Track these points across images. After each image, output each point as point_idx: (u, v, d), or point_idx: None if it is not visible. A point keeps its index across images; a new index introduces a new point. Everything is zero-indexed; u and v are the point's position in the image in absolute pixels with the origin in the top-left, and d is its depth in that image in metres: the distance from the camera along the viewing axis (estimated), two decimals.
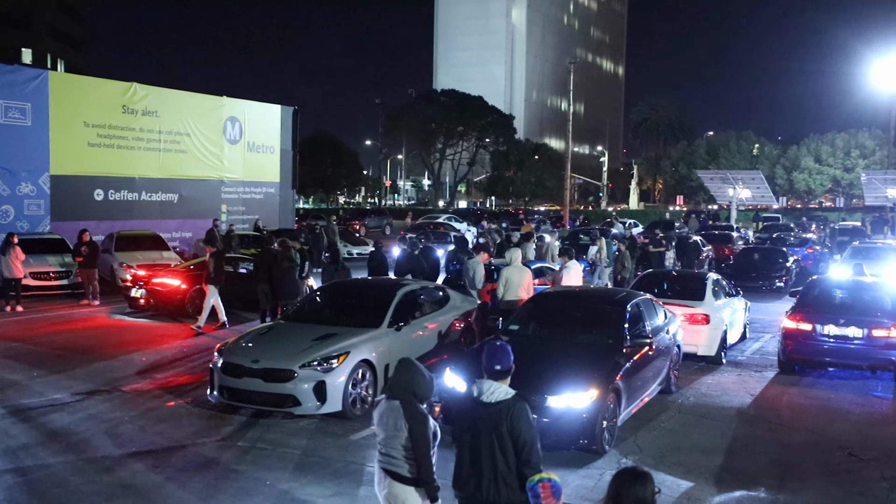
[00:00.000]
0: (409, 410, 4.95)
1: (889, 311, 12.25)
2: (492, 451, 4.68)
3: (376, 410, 5.18)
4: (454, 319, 12.08)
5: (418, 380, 5.06)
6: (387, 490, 5.07)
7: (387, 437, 5.04)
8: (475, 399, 4.82)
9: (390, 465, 5.03)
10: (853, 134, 76.60)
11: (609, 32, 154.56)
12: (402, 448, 4.96)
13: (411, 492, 4.97)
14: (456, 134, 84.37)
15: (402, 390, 5.04)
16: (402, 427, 4.94)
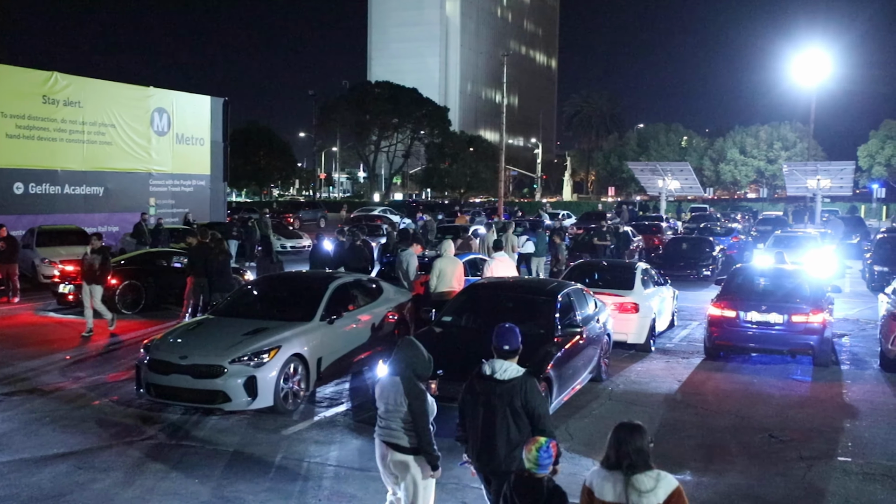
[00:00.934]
0: (409, 386, 5.35)
1: (807, 297, 12.71)
2: (506, 423, 5.14)
3: (377, 386, 5.61)
4: (388, 312, 12.05)
5: (418, 358, 5.45)
6: (388, 460, 5.48)
7: (387, 410, 5.44)
8: (489, 377, 5.25)
9: (391, 437, 5.44)
10: (776, 126, 79.09)
11: (542, 25, 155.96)
12: (401, 421, 5.36)
13: (411, 460, 5.40)
14: (391, 126, 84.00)
15: (404, 367, 5.43)
16: (402, 402, 5.34)
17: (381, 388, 5.55)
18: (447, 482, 7.54)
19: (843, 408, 10.26)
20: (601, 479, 4.14)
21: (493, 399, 5.20)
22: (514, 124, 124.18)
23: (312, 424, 9.22)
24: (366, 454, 8.27)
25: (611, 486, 4.07)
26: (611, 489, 4.07)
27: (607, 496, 4.08)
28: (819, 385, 11.42)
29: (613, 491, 4.06)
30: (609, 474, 4.10)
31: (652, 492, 3.97)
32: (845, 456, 8.37)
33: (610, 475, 4.10)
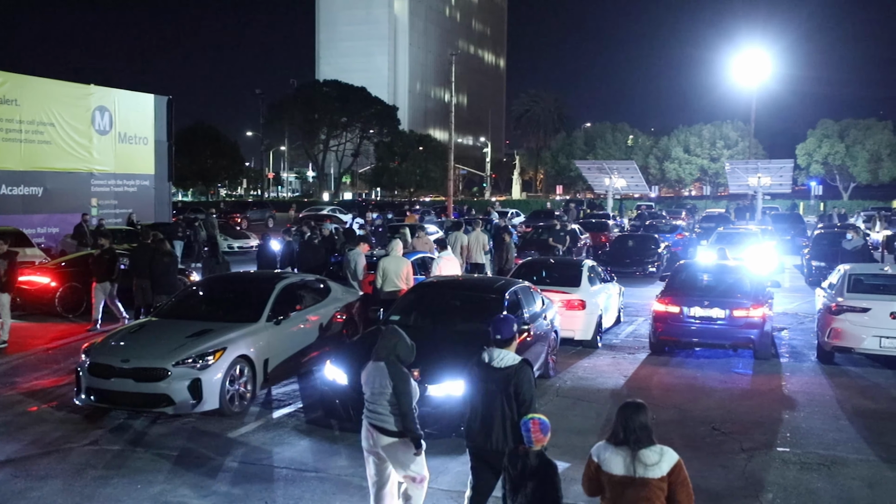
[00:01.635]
0: (393, 370, 5.79)
1: (748, 292, 13.01)
2: (503, 408, 5.59)
3: (364, 372, 6.00)
4: (335, 311, 11.98)
5: (401, 345, 5.91)
6: (373, 442, 5.89)
7: (373, 394, 5.85)
8: (487, 364, 5.71)
9: (377, 420, 5.84)
10: (718, 125, 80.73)
11: (490, 25, 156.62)
12: (387, 404, 5.77)
13: (396, 443, 5.80)
14: (340, 125, 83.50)
15: (388, 353, 5.86)
16: (387, 385, 5.76)
17: (366, 374, 5.95)
18: None
19: (783, 400, 10.53)
20: (609, 453, 4.51)
21: (491, 385, 5.65)
22: (464, 123, 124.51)
23: (259, 426, 9.12)
24: (314, 455, 8.22)
25: (619, 461, 4.45)
26: (619, 463, 4.45)
27: (616, 470, 4.45)
28: (760, 378, 11.71)
29: (622, 465, 4.44)
30: (616, 449, 4.48)
31: (657, 465, 4.41)
32: (784, 447, 8.59)
33: (617, 450, 4.48)
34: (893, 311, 11.77)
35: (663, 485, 4.42)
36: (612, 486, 4.49)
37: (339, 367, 8.96)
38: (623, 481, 4.44)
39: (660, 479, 4.41)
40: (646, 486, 4.40)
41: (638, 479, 4.41)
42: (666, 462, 4.44)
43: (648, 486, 4.40)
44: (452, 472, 7.80)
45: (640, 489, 4.40)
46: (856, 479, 7.71)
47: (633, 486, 4.41)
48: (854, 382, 11.44)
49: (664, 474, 4.41)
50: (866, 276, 13.14)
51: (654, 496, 4.40)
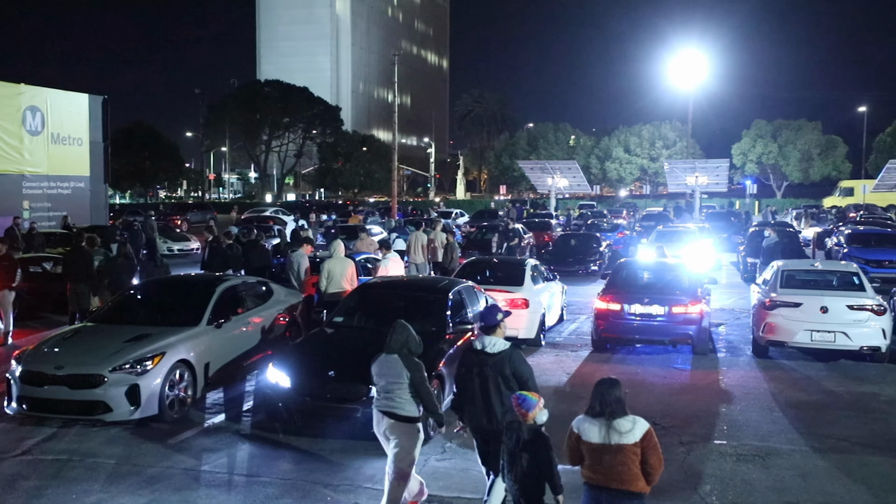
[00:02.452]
0: (409, 362, 6.35)
1: (686, 289, 13.30)
2: (498, 388, 6.11)
3: (374, 364, 6.51)
4: (278, 314, 11.85)
5: (410, 339, 6.51)
6: (386, 428, 6.38)
7: (388, 384, 6.34)
8: (481, 351, 6.23)
9: (391, 407, 6.34)
10: (657, 126, 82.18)
11: (433, 25, 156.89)
12: (406, 392, 6.29)
13: (410, 427, 6.33)
14: (282, 125, 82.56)
15: (400, 346, 6.42)
16: (405, 376, 6.28)
17: (379, 366, 6.46)
18: (340, 484, 7.49)
19: (720, 393, 10.79)
20: (587, 424, 5.03)
21: (486, 370, 6.16)
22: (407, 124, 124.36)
23: (200, 432, 8.96)
24: (257, 460, 8.12)
25: (596, 430, 4.97)
26: (596, 432, 4.97)
27: (593, 438, 4.97)
28: (698, 373, 11.97)
29: (598, 434, 4.96)
30: (594, 420, 5.00)
31: (630, 432, 4.91)
32: (721, 439, 8.80)
33: (595, 421, 5.00)
34: (823, 306, 12.17)
35: (637, 450, 4.90)
36: (590, 454, 4.99)
37: (282, 369, 8.86)
38: (601, 448, 4.95)
39: (633, 445, 4.90)
40: (621, 451, 4.90)
41: (614, 446, 4.91)
42: (638, 429, 4.93)
43: (623, 451, 4.90)
44: None
45: (616, 455, 4.90)
46: (789, 469, 7.94)
47: (609, 453, 4.92)
48: (787, 375, 11.79)
49: (637, 440, 4.89)
50: (798, 272, 13.55)
51: (629, 460, 4.88)
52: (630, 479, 4.91)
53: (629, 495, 4.92)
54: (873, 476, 7.76)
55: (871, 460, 8.19)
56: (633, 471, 4.90)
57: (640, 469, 4.92)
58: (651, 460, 4.93)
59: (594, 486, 5.02)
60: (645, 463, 4.92)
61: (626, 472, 4.90)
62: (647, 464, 4.92)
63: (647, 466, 4.93)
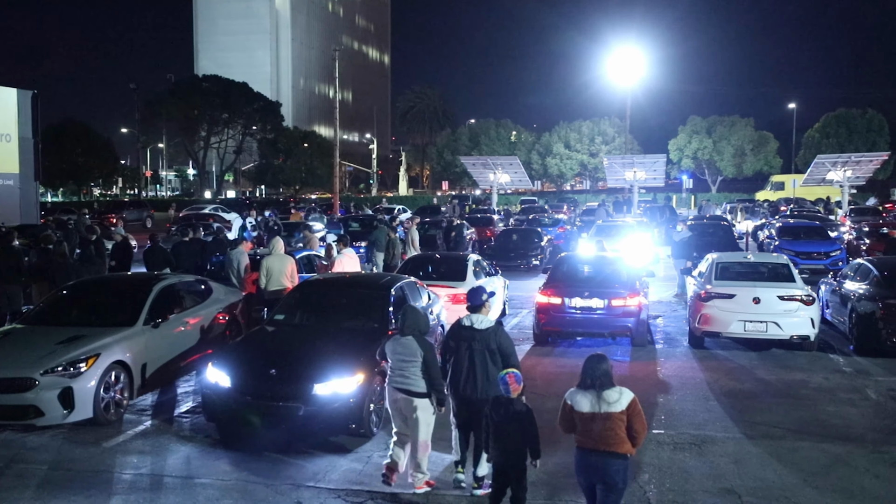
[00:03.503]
0: (421, 342, 7.01)
1: (625, 282, 13.54)
2: (484, 361, 6.90)
3: (388, 345, 7.19)
4: (217, 313, 11.65)
5: (420, 320, 7.21)
6: (399, 404, 7.05)
7: (403, 363, 7.00)
8: (470, 327, 7.03)
9: (405, 384, 7.00)
10: (597, 122, 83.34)
11: (373, 21, 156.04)
12: (418, 370, 6.93)
13: (422, 402, 6.98)
14: (221, 121, 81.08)
15: (412, 329, 7.06)
16: (418, 355, 6.92)
17: (393, 346, 7.11)
18: (282, 483, 7.43)
19: (658, 384, 11.03)
20: (579, 396, 5.62)
21: (474, 344, 6.95)
22: (349, 120, 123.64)
23: (137, 434, 8.78)
24: (197, 461, 7.99)
25: (587, 401, 5.57)
26: (587, 402, 5.57)
27: (584, 408, 5.57)
28: (636, 364, 12.21)
29: (589, 404, 5.56)
30: (585, 392, 5.60)
31: (618, 401, 5.52)
32: (659, 428, 9.00)
33: (586, 393, 5.60)
34: (756, 297, 12.53)
35: (623, 417, 5.51)
36: (582, 422, 5.58)
37: (222, 369, 8.73)
38: (592, 417, 5.54)
39: (620, 413, 5.51)
40: (609, 419, 5.52)
41: (603, 414, 5.52)
42: (624, 399, 5.55)
43: (612, 418, 5.52)
44: (340, 470, 7.76)
45: (606, 422, 5.51)
46: (723, 455, 8.17)
47: (599, 420, 5.52)
48: (722, 365, 12.11)
49: (623, 409, 5.51)
50: (732, 265, 13.91)
51: (617, 426, 5.50)
52: (617, 442, 5.51)
53: (616, 456, 5.54)
54: (802, 460, 8.03)
55: (801, 445, 8.47)
56: (619, 435, 5.51)
57: (626, 433, 5.52)
58: (636, 426, 5.54)
59: (586, 449, 5.62)
60: (630, 428, 5.53)
61: (614, 436, 5.51)
62: (633, 429, 5.54)
63: (632, 431, 5.54)
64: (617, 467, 5.56)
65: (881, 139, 73.50)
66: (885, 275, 13.16)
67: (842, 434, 8.83)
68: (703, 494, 7.22)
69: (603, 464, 5.56)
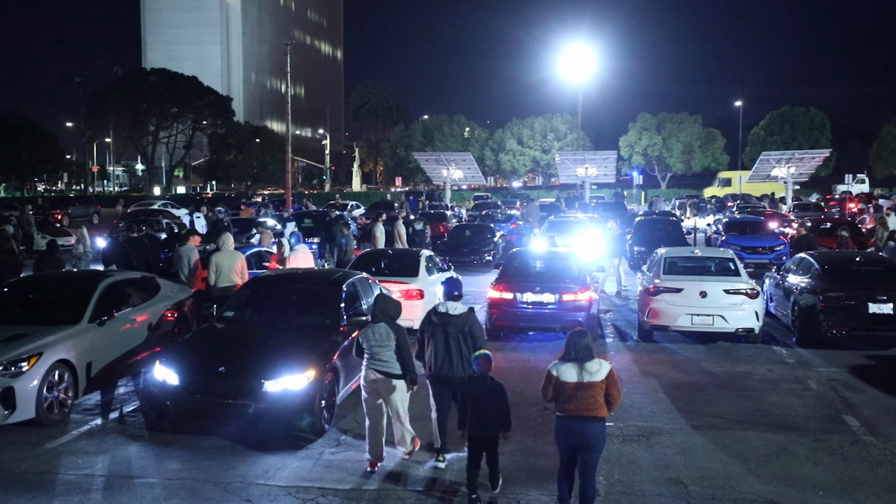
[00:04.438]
0: (394, 328, 7.61)
1: (576, 277, 13.68)
2: (458, 343, 7.68)
3: (362, 333, 7.70)
4: (166, 310, 11.48)
5: (392, 308, 7.78)
6: (378, 385, 7.59)
7: (378, 348, 7.55)
8: (446, 313, 7.77)
9: (383, 367, 7.59)
10: (549, 118, 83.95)
11: (326, 15, 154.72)
12: (392, 353, 7.53)
13: (399, 382, 7.60)
14: (170, 116, 79.55)
15: (384, 315, 7.65)
16: (392, 339, 7.52)
17: (367, 333, 7.63)
18: (231, 481, 7.36)
19: None
20: (564, 368, 6.35)
21: (449, 328, 7.69)
22: (302, 115, 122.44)
23: (82, 434, 8.60)
24: (144, 460, 7.87)
25: (571, 371, 6.32)
26: (571, 373, 6.31)
27: (570, 378, 6.30)
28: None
29: (575, 374, 6.30)
30: (569, 364, 6.34)
31: (598, 372, 6.31)
32: (608, 421, 9.06)
33: (570, 364, 6.34)
34: (703, 291, 12.78)
35: (602, 385, 6.29)
36: (566, 391, 6.30)
37: (170, 367, 8.60)
38: (576, 386, 6.28)
39: (600, 382, 6.29)
40: (591, 387, 6.28)
41: (586, 384, 6.28)
42: (604, 369, 6.34)
43: (593, 387, 6.28)
44: (291, 467, 7.72)
45: (588, 390, 6.27)
46: (671, 446, 8.33)
47: (583, 389, 6.27)
48: (670, 358, 12.33)
49: (603, 378, 6.30)
50: (680, 259, 14.17)
51: (597, 394, 6.27)
52: (597, 407, 6.29)
53: (596, 419, 6.30)
54: (746, 450, 8.23)
55: (745, 435, 8.68)
56: (599, 401, 6.29)
57: (604, 400, 6.30)
58: (613, 393, 6.36)
59: (568, 416, 6.32)
60: (608, 395, 6.33)
61: (595, 402, 6.28)
62: (610, 395, 6.35)
63: (609, 398, 6.35)
64: (598, 429, 6.33)
65: (823, 136, 75.47)
66: (825, 268, 13.54)
67: (784, 423, 9.07)
68: (650, 485, 7.35)
69: (586, 427, 6.28)
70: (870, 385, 10.68)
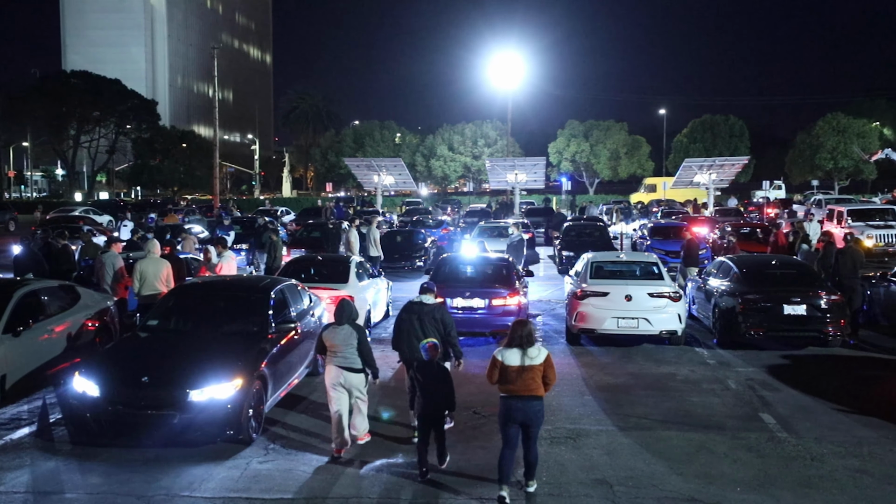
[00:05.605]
0: (356, 328, 8.36)
1: (505, 282, 13.82)
2: (433, 329, 8.69)
3: (328, 332, 8.41)
4: (86, 319, 11.15)
5: (353, 312, 8.52)
6: (342, 379, 8.26)
7: (342, 345, 8.24)
8: (420, 303, 8.91)
9: (345, 362, 8.27)
10: (479, 124, 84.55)
11: (254, 19, 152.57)
12: (354, 350, 8.24)
13: (360, 377, 8.35)
14: (92, 120, 77.16)
15: (347, 319, 8.36)
16: (354, 339, 8.23)
17: (331, 334, 8.33)
18: (155, 494, 7.19)
19: None
20: (508, 353, 7.13)
21: (423, 315, 8.78)
22: (230, 120, 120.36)
23: None
24: (63, 475, 7.62)
25: (515, 356, 7.11)
26: (515, 357, 7.10)
27: (514, 362, 7.08)
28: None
29: (518, 359, 7.09)
30: (513, 349, 7.13)
31: (538, 356, 7.12)
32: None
33: (514, 350, 7.13)
34: (628, 294, 13.08)
35: (541, 368, 7.11)
36: (510, 374, 7.08)
37: (90, 378, 8.36)
38: (518, 369, 7.07)
39: (539, 365, 7.10)
40: (532, 370, 7.09)
41: (527, 367, 7.08)
42: (542, 354, 7.16)
43: (533, 369, 7.09)
44: (217, 478, 7.59)
45: (529, 372, 7.08)
46: (597, 448, 8.50)
47: (525, 371, 7.07)
48: (597, 360, 12.58)
49: (542, 362, 7.12)
50: (606, 264, 14.47)
51: (537, 375, 7.09)
52: (536, 387, 7.10)
53: (536, 398, 7.11)
54: (669, 449, 8.46)
55: (668, 435, 8.92)
56: (538, 382, 7.10)
57: (542, 381, 7.11)
58: (549, 375, 7.17)
59: (511, 396, 7.09)
60: (545, 377, 7.14)
61: (534, 383, 7.08)
62: (547, 377, 7.16)
63: (546, 379, 7.16)
64: (538, 407, 7.14)
65: (742, 144, 78.06)
66: (744, 272, 14.02)
67: (705, 423, 9.36)
68: (577, 486, 7.49)
69: (527, 406, 7.09)
70: (785, 384, 11.11)
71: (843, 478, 7.69)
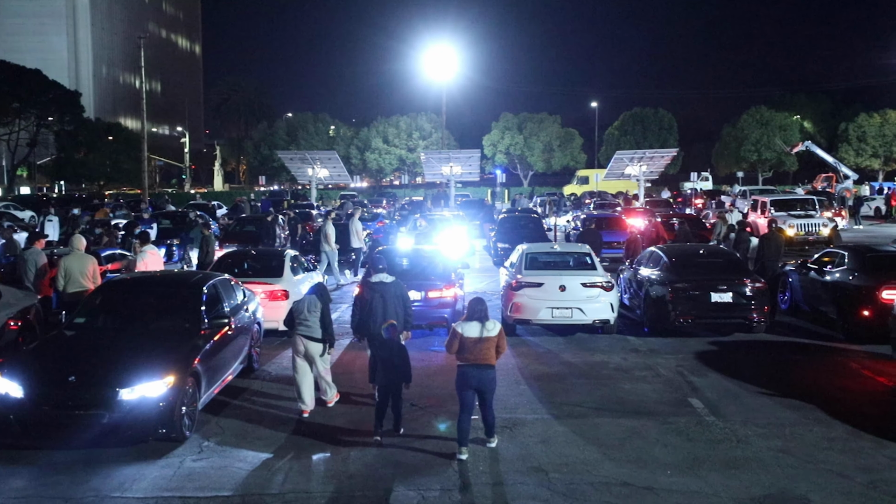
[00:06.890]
0: (322, 296, 9.44)
1: (441, 274, 13.89)
2: (394, 305, 9.57)
3: (297, 302, 9.53)
4: (8, 318, 10.77)
5: (326, 292, 9.66)
6: (304, 348, 9.26)
7: (308, 315, 9.25)
8: (380, 282, 9.67)
9: (308, 332, 9.27)
10: (414, 117, 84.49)
11: (182, 8, 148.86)
12: (317, 320, 9.25)
13: (319, 346, 9.29)
14: (11, 112, 74.15)
15: (317, 291, 9.48)
16: (319, 306, 9.26)
17: (301, 303, 9.42)
18: (84, 496, 7.03)
19: None
20: (467, 326, 7.99)
21: (385, 294, 9.56)
22: (158, 111, 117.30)
23: None
24: None
25: (474, 328, 7.95)
26: (474, 329, 7.95)
27: (473, 334, 7.93)
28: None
29: (477, 331, 7.93)
30: (471, 323, 7.99)
31: (493, 329, 7.99)
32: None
33: (474, 323, 7.98)
34: (562, 285, 13.27)
35: (496, 339, 7.99)
36: (469, 345, 7.92)
37: (13, 378, 8.09)
38: (477, 340, 7.91)
39: (495, 337, 7.98)
40: (488, 341, 7.95)
41: (484, 338, 7.92)
42: (497, 327, 8.05)
43: (489, 341, 7.95)
44: (150, 477, 7.45)
45: (485, 343, 7.94)
46: (532, 436, 8.63)
47: (481, 342, 7.91)
48: (532, 350, 12.75)
49: (496, 334, 8.00)
50: (540, 255, 14.64)
51: (491, 346, 7.95)
52: (490, 357, 7.97)
53: (490, 367, 7.99)
54: (602, 435, 8.65)
55: (601, 422, 9.12)
56: (492, 353, 7.97)
57: (495, 351, 7.99)
58: (501, 344, 8.08)
59: (469, 364, 7.92)
60: (499, 347, 8.04)
61: (489, 353, 7.96)
62: (500, 346, 8.06)
63: (499, 349, 8.05)
64: (492, 375, 8.01)
65: (671, 136, 79.98)
66: (673, 261, 14.38)
67: (637, 409, 9.59)
68: (513, 475, 7.59)
69: (483, 373, 7.94)
70: (712, 369, 11.46)
71: (767, 458, 7.99)
